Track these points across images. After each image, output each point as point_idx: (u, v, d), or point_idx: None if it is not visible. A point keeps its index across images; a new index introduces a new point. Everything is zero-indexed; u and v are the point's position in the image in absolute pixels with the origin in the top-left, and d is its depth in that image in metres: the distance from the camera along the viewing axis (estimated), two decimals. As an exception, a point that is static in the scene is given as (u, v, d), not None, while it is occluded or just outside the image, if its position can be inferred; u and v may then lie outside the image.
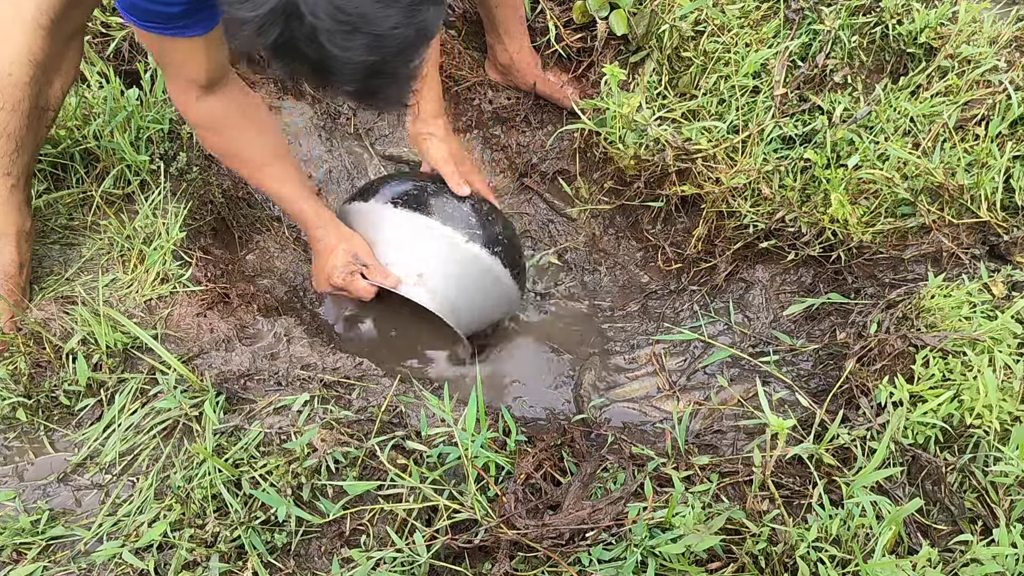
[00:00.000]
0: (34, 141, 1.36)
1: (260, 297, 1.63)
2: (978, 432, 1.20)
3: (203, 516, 1.16)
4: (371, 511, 1.18)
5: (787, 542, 1.07)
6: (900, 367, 1.32)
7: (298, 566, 1.15)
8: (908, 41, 1.66)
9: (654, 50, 1.77)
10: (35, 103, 1.31)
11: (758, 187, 1.64)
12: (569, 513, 1.13)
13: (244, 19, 0.79)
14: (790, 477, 1.23)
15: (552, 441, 1.32)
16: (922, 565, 1.01)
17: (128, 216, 1.53)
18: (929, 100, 1.60)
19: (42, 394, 1.31)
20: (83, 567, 1.15)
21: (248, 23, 0.79)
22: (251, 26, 0.79)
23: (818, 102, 1.68)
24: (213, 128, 1.36)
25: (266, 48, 0.81)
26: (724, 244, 1.76)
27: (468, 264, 1.51)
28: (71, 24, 1.32)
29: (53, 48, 1.30)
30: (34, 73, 1.29)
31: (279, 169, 1.43)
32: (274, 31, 0.79)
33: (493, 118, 2.07)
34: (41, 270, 1.47)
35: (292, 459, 1.20)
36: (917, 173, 1.52)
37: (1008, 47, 1.65)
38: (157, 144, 1.64)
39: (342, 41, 0.78)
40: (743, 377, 1.65)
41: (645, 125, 1.67)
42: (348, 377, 1.43)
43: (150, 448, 1.28)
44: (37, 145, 1.38)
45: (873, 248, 1.56)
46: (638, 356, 1.79)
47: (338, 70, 0.82)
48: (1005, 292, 1.40)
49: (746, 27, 1.75)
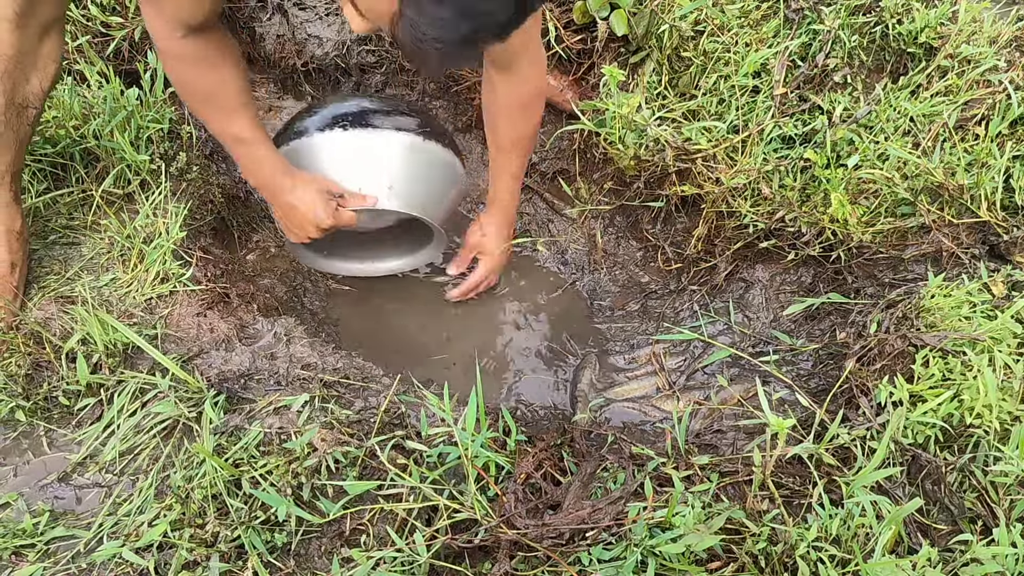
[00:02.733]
0: (16, 139, 1.34)
1: (260, 297, 1.63)
2: (978, 432, 1.20)
3: (203, 516, 1.16)
4: (371, 511, 1.18)
5: (787, 542, 1.07)
6: (900, 367, 1.32)
7: (298, 566, 1.15)
8: (908, 41, 1.66)
9: (654, 50, 1.77)
10: (10, 99, 1.29)
11: (758, 187, 1.64)
12: (569, 513, 1.13)
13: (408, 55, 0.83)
14: (790, 477, 1.23)
15: (552, 441, 1.32)
16: (922, 565, 1.01)
17: (128, 216, 1.53)
18: (929, 100, 1.60)
19: (41, 394, 1.31)
20: (83, 567, 1.15)
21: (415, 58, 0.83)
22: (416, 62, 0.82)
23: (818, 102, 1.68)
24: (192, 61, 1.29)
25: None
26: (724, 244, 1.76)
27: (431, 162, 1.53)
28: (41, 17, 1.29)
29: (24, 42, 1.28)
30: (5, 68, 1.26)
31: (248, 116, 1.39)
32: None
33: (493, 118, 2.07)
34: (41, 269, 1.47)
35: (292, 459, 1.20)
36: (917, 173, 1.52)
37: (1008, 47, 1.65)
38: (157, 144, 1.64)
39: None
40: (743, 377, 1.65)
41: (645, 125, 1.67)
42: (348, 377, 1.43)
43: (150, 448, 1.28)
44: (21, 144, 1.36)
45: (873, 248, 1.56)
46: (638, 356, 1.79)
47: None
48: (1005, 292, 1.40)
49: (746, 27, 1.75)
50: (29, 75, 1.32)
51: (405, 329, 1.87)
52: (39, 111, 1.37)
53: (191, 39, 1.26)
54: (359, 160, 1.49)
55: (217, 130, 1.40)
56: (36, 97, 1.35)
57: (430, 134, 1.52)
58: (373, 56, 2.04)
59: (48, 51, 1.34)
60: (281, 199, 1.47)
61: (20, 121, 1.33)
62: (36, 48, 1.32)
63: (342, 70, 2.06)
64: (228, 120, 1.38)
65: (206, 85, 1.33)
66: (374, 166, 1.49)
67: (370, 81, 2.09)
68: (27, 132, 1.36)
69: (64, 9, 1.35)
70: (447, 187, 1.60)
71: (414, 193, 1.52)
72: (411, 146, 1.49)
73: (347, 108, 1.53)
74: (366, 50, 2.03)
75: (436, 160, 1.53)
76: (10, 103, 1.30)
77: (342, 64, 2.04)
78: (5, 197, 1.37)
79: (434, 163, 1.53)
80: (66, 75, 1.68)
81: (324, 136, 1.49)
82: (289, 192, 1.45)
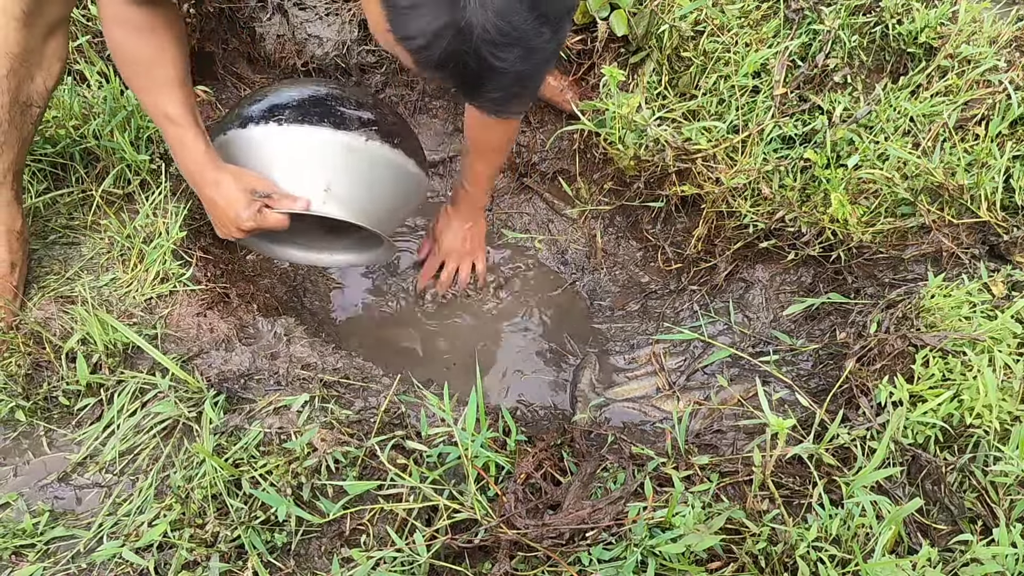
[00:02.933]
0: (19, 138, 1.34)
1: (260, 297, 1.63)
2: (978, 432, 1.20)
3: (203, 516, 1.16)
4: (371, 511, 1.18)
5: (787, 542, 1.07)
6: (900, 367, 1.32)
7: (298, 566, 1.15)
8: (908, 41, 1.66)
9: (654, 50, 1.77)
10: (15, 98, 1.29)
11: (758, 187, 1.64)
12: (569, 513, 1.13)
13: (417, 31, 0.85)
14: (790, 477, 1.23)
15: (552, 441, 1.32)
16: (922, 565, 1.01)
17: (128, 215, 1.53)
18: (929, 100, 1.60)
19: (41, 394, 1.31)
20: (83, 567, 1.15)
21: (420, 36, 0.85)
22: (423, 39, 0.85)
23: (818, 102, 1.68)
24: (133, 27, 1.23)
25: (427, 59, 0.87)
26: (724, 244, 1.76)
27: (372, 164, 1.43)
28: (48, 16, 1.29)
29: (30, 41, 1.28)
30: (11, 66, 1.27)
31: (182, 96, 1.31)
32: (442, 43, 0.85)
33: (493, 118, 2.07)
34: (41, 269, 1.47)
35: (292, 459, 1.20)
36: (917, 173, 1.52)
37: (1008, 47, 1.65)
38: (157, 144, 1.64)
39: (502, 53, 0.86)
40: (743, 377, 1.65)
41: (645, 125, 1.67)
42: (348, 377, 1.43)
43: (150, 448, 1.28)
44: (23, 142, 1.36)
45: (873, 248, 1.56)
46: (638, 356, 1.79)
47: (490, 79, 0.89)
48: (1005, 292, 1.40)
49: (746, 27, 1.75)
50: (34, 74, 1.32)
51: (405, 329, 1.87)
52: (42, 110, 1.37)
53: (137, 7, 1.20)
54: (293, 158, 1.39)
55: (149, 105, 1.32)
56: (40, 96, 1.35)
57: (377, 133, 1.41)
58: (373, 56, 2.04)
59: (53, 50, 1.34)
60: (204, 192, 1.39)
61: (24, 120, 1.33)
62: (42, 47, 1.32)
63: (342, 70, 2.05)
64: (161, 96, 1.30)
65: (144, 54, 1.26)
66: (309, 165, 1.39)
67: (370, 81, 2.09)
68: (30, 131, 1.36)
69: (70, 9, 1.35)
70: (394, 191, 1.49)
71: (354, 197, 1.41)
72: (350, 146, 1.39)
73: (288, 98, 1.42)
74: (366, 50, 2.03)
75: (381, 162, 1.43)
76: (14, 101, 1.30)
77: (342, 64, 2.04)
78: (6, 196, 1.37)
79: (378, 165, 1.43)
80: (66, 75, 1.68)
81: (259, 129, 1.38)
82: (212, 186, 1.37)
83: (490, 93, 0.93)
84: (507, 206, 2.09)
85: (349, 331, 1.84)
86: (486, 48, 0.85)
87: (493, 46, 0.85)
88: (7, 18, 1.24)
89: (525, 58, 0.88)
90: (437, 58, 0.87)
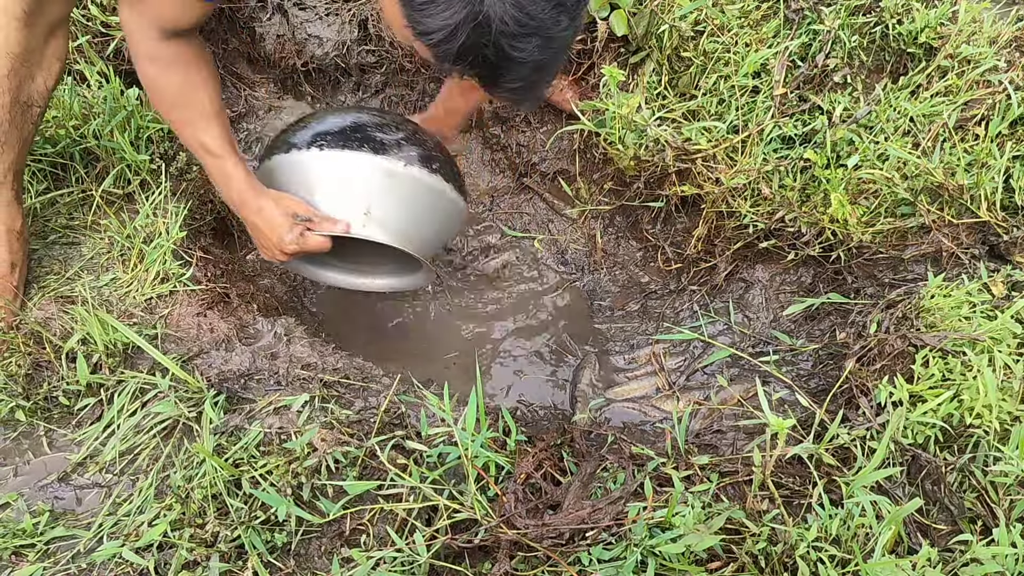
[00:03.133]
0: (19, 138, 1.34)
1: (260, 297, 1.63)
2: (978, 432, 1.20)
3: (203, 516, 1.16)
4: (371, 511, 1.18)
5: (787, 542, 1.07)
6: (900, 367, 1.32)
7: (298, 566, 1.15)
8: (908, 41, 1.66)
9: (654, 50, 1.77)
10: (16, 97, 1.30)
11: (758, 187, 1.64)
12: (569, 513, 1.13)
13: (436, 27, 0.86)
14: (790, 477, 1.23)
15: (552, 441, 1.32)
16: (922, 565, 1.01)
17: (128, 215, 1.53)
18: (929, 100, 1.60)
19: (41, 394, 1.31)
20: (83, 567, 1.15)
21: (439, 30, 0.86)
22: (442, 33, 0.86)
23: (818, 102, 1.68)
24: (166, 64, 1.27)
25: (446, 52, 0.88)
26: (724, 244, 1.76)
27: (411, 188, 1.45)
28: (49, 16, 1.29)
29: (31, 40, 1.28)
30: (12, 66, 1.27)
31: (219, 127, 1.35)
32: (462, 36, 0.86)
33: (493, 118, 2.08)
34: (41, 269, 1.47)
35: (292, 459, 1.20)
36: (917, 173, 1.52)
37: (1008, 47, 1.65)
38: (157, 144, 1.64)
39: (520, 43, 0.87)
40: (743, 377, 1.65)
41: (645, 125, 1.67)
42: (348, 377, 1.43)
43: (150, 448, 1.28)
44: (24, 142, 1.36)
45: (873, 248, 1.56)
46: (638, 356, 1.79)
47: (509, 70, 0.91)
48: (1005, 292, 1.40)
49: (746, 27, 1.75)
50: (35, 74, 1.33)
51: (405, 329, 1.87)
52: (43, 110, 1.37)
53: (166, 42, 1.24)
54: (334, 183, 1.43)
55: (187, 138, 1.37)
56: (40, 96, 1.35)
57: (416, 158, 1.45)
58: (373, 56, 2.04)
59: (54, 50, 1.34)
60: (247, 218, 1.44)
61: (25, 120, 1.33)
62: (42, 47, 1.32)
63: (342, 70, 2.06)
64: (198, 129, 1.34)
65: (178, 90, 1.30)
66: (350, 190, 1.43)
67: (370, 81, 2.09)
68: (31, 131, 1.36)
69: (71, 9, 1.35)
70: (433, 215, 1.52)
71: (393, 220, 1.44)
72: (389, 170, 1.42)
73: (330, 125, 1.47)
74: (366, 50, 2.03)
75: (419, 186, 1.45)
76: (15, 101, 1.30)
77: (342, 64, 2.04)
78: (6, 196, 1.37)
79: (417, 190, 1.46)
80: (66, 75, 1.68)
81: (302, 155, 1.43)
82: (255, 212, 1.41)
83: (509, 84, 0.93)
84: (507, 206, 2.09)
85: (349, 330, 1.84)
86: (505, 40, 0.86)
87: (512, 37, 0.86)
88: (8, 18, 1.24)
89: (544, 47, 0.89)
90: (456, 51, 0.87)
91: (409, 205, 1.46)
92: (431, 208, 1.50)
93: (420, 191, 1.46)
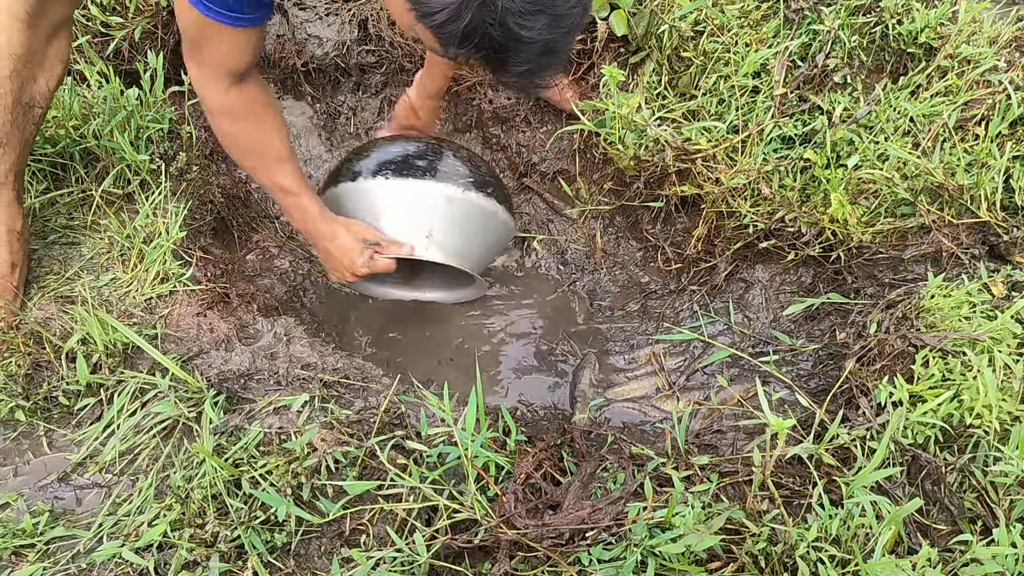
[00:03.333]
0: (21, 138, 1.34)
1: (260, 297, 1.63)
2: (978, 432, 1.20)
3: (203, 516, 1.16)
4: (371, 511, 1.18)
5: (787, 542, 1.07)
6: (900, 367, 1.32)
7: (298, 566, 1.15)
8: (908, 41, 1.66)
9: (654, 50, 1.77)
10: (18, 98, 1.30)
11: (758, 187, 1.64)
12: (569, 513, 1.13)
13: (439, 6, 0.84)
14: (790, 477, 1.23)
15: (552, 441, 1.32)
16: (922, 565, 1.01)
17: (128, 215, 1.53)
18: (929, 100, 1.60)
19: (41, 394, 1.31)
20: (83, 567, 1.15)
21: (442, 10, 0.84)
22: (445, 13, 0.84)
23: (818, 102, 1.68)
24: (240, 116, 1.34)
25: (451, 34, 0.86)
26: (724, 244, 1.76)
27: (469, 212, 1.59)
28: (52, 17, 1.30)
29: (34, 42, 1.28)
30: (14, 67, 1.27)
31: (292, 166, 1.44)
32: (466, 16, 0.84)
33: (493, 118, 2.08)
34: (41, 269, 1.47)
35: (292, 459, 1.20)
36: (917, 173, 1.52)
37: (1008, 47, 1.65)
38: (157, 144, 1.64)
39: (527, 22, 0.85)
40: (743, 377, 1.65)
41: (645, 125, 1.67)
42: (348, 377, 1.43)
43: (150, 448, 1.28)
44: (25, 143, 1.36)
45: (873, 248, 1.56)
46: (638, 356, 1.79)
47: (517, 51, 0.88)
48: (1005, 292, 1.40)
49: (746, 27, 1.75)
50: (37, 74, 1.33)
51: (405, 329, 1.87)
52: (44, 111, 1.38)
53: (236, 91, 1.29)
54: (399, 209, 1.56)
55: (263, 180, 1.46)
56: (42, 96, 1.35)
57: (473, 184, 1.58)
58: (373, 56, 2.04)
59: (56, 51, 1.34)
60: (321, 245, 1.54)
61: (26, 120, 1.34)
62: (44, 48, 1.32)
63: (342, 70, 2.06)
64: (274, 172, 1.42)
65: (253, 138, 1.37)
66: (413, 215, 1.56)
67: (370, 81, 2.09)
68: (32, 132, 1.37)
69: (74, 10, 1.35)
70: (486, 235, 1.67)
71: (452, 241, 1.58)
72: (450, 196, 1.55)
73: (393, 154, 1.58)
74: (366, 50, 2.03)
75: (476, 210, 1.59)
76: (17, 102, 1.30)
77: (342, 64, 2.04)
78: (7, 197, 1.37)
79: (473, 213, 1.59)
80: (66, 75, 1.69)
81: (368, 183, 1.55)
82: (329, 239, 1.51)
83: (517, 66, 0.91)
84: (507, 206, 2.09)
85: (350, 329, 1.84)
86: (511, 18, 0.84)
87: (518, 15, 0.84)
88: (11, 19, 1.24)
89: (552, 26, 0.86)
90: (461, 32, 0.85)
91: (466, 227, 1.60)
92: (485, 228, 1.64)
93: (476, 213, 1.60)
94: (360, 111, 2.12)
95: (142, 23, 1.83)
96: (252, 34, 1.22)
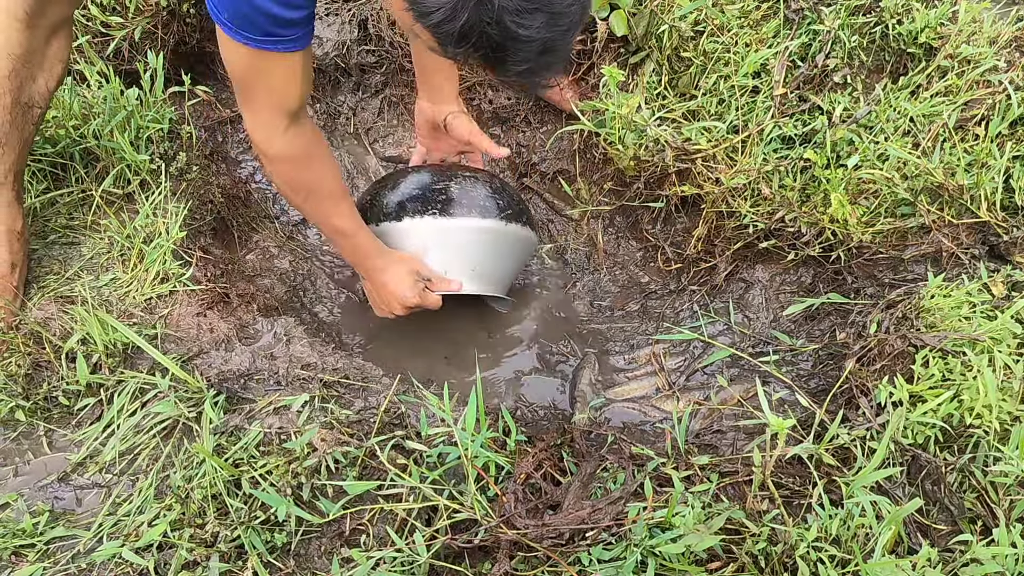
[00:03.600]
0: (20, 139, 1.34)
1: (260, 297, 1.63)
2: (978, 432, 1.20)
3: (203, 516, 1.16)
4: (371, 511, 1.18)
5: (787, 542, 1.07)
6: (900, 367, 1.32)
7: (298, 566, 1.15)
8: (908, 41, 1.66)
9: (654, 50, 1.77)
10: (17, 98, 1.29)
11: (758, 187, 1.64)
12: (569, 513, 1.13)
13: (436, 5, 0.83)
14: (790, 477, 1.23)
15: (552, 441, 1.32)
16: (922, 565, 1.01)
17: (128, 215, 1.53)
18: (929, 100, 1.60)
19: (41, 394, 1.31)
20: (83, 567, 1.15)
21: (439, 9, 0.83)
22: (442, 12, 0.83)
23: (818, 102, 1.68)
24: (300, 160, 1.33)
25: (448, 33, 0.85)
26: (724, 244, 1.76)
27: (511, 243, 1.67)
28: (51, 17, 1.30)
29: (33, 42, 1.28)
30: (13, 67, 1.27)
31: (347, 206, 1.46)
32: (463, 15, 0.83)
33: (493, 118, 2.08)
34: (41, 269, 1.47)
35: (292, 459, 1.20)
36: (917, 173, 1.52)
37: (1008, 47, 1.65)
38: (157, 144, 1.64)
39: (525, 20, 0.84)
40: (743, 377, 1.65)
41: (645, 126, 1.67)
42: (348, 377, 1.43)
43: (150, 448, 1.28)
44: (24, 143, 1.36)
45: (873, 248, 1.56)
46: (638, 356, 1.79)
47: (516, 50, 0.87)
48: (1005, 292, 1.40)
49: (746, 27, 1.75)
50: (36, 75, 1.32)
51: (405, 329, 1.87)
52: (44, 111, 1.37)
53: (293, 132, 1.28)
54: (447, 247, 1.61)
55: (319, 222, 1.48)
56: (42, 97, 1.35)
57: (511, 216, 1.64)
58: (373, 56, 2.04)
59: (55, 51, 1.34)
60: (375, 278, 1.56)
61: (25, 121, 1.33)
62: (44, 48, 1.32)
63: (342, 70, 2.06)
64: (331, 214, 1.44)
65: (309, 181, 1.38)
66: (459, 252, 1.62)
67: (370, 81, 2.09)
68: (31, 132, 1.36)
69: (73, 10, 1.35)
70: (519, 261, 1.77)
71: (495, 273, 1.68)
72: (493, 231, 1.62)
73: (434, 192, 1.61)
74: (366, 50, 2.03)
75: (515, 240, 1.66)
76: (16, 102, 1.30)
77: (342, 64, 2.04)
78: (7, 197, 1.37)
79: (514, 244, 1.67)
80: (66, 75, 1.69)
81: (414, 222, 1.60)
82: (382, 272, 1.54)
83: (516, 65, 0.89)
84: (507, 206, 2.09)
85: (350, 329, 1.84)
86: (508, 16, 0.83)
87: (515, 14, 0.83)
88: (10, 19, 1.24)
89: (550, 24, 0.85)
90: (458, 31, 0.84)
91: (505, 257, 1.69)
92: (518, 255, 1.74)
93: (514, 243, 1.68)
94: (360, 111, 2.12)
95: (142, 23, 1.83)
96: (301, 59, 1.19)
